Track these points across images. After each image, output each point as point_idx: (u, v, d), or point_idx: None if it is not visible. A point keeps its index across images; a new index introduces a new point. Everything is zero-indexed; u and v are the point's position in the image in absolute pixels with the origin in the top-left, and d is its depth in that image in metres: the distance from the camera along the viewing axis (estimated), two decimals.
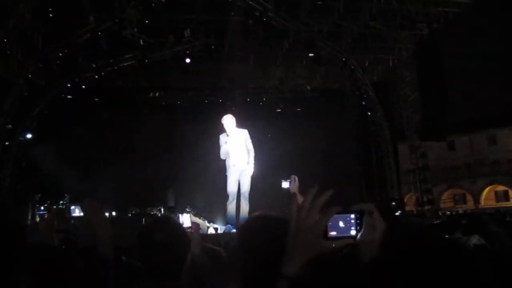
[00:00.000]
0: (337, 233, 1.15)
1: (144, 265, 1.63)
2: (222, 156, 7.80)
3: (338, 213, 1.14)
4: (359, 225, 1.16)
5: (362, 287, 1.03)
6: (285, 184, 3.27)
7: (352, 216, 1.17)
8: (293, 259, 1.08)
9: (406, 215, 13.23)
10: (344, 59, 13.61)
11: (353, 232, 1.16)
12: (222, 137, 7.76)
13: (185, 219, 3.29)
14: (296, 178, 3.13)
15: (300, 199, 2.79)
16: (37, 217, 11.34)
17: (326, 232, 1.12)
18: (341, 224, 1.16)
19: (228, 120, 7.76)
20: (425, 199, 14.80)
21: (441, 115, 13.41)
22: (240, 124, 8.09)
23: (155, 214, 11.12)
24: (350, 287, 1.09)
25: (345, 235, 1.15)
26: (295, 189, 3.05)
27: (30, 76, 11.92)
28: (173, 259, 1.65)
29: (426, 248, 0.84)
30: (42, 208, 11.64)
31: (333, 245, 1.12)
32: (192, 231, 2.44)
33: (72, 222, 10.62)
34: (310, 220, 1.08)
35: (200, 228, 7.04)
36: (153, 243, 1.65)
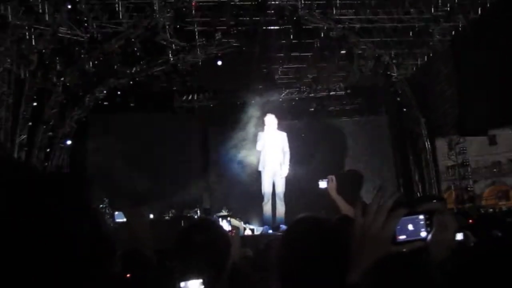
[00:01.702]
0: (406, 237, 1.07)
1: (184, 268, 1.62)
2: (259, 148, 7.90)
3: (406, 215, 1.07)
4: (428, 226, 1.09)
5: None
6: (322, 184, 3.22)
7: (421, 217, 1.09)
8: (360, 266, 1.03)
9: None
10: (377, 55, 13.37)
11: (423, 234, 1.08)
12: (261, 134, 7.84)
13: (224, 224, 3.28)
14: (334, 178, 3.08)
15: (338, 199, 2.73)
16: None
17: (394, 237, 1.05)
18: (410, 227, 1.08)
19: (271, 120, 7.87)
20: (465, 196, 14.36)
21: (481, 108, 12.99)
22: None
23: (192, 217, 11.23)
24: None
25: (415, 238, 1.08)
26: (332, 189, 3.00)
27: (68, 84, 12.31)
28: (213, 261, 1.63)
29: (502, 247, 0.78)
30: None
31: (403, 250, 1.06)
32: (232, 234, 2.43)
33: (112, 225, 10.86)
34: (377, 224, 1.02)
35: (239, 231, 7.03)
36: (193, 244, 1.64)
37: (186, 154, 14.91)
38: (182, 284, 1.38)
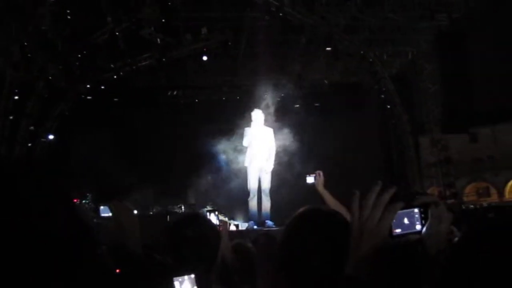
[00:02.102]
0: (402, 230, 1.10)
1: (174, 261, 1.61)
2: (245, 144, 7.89)
3: (401, 209, 1.08)
4: (423, 219, 1.11)
5: (430, 281, 0.98)
6: (309, 179, 3.23)
7: (416, 210, 1.12)
8: (358, 261, 1.04)
9: None
10: (362, 52, 13.46)
11: (418, 227, 1.11)
12: (248, 129, 7.84)
13: (213, 218, 3.28)
14: (321, 173, 3.09)
15: (325, 194, 2.74)
16: None
17: (390, 231, 1.06)
18: (405, 220, 1.10)
19: (257, 115, 7.87)
20: (448, 193, 14.57)
21: (463, 106, 13.18)
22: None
23: (179, 212, 11.18)
24: (417, 281, 1.05)
25: (411, 231, 1.10)
26: (320, 184, 3.01)
27: (50, 78, 12.11)
28: (204, 255, 1.63)
29: (499, 238, 0.79)
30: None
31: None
32: (221, 229, 2.42)
33: (95, 221, 10.76)
34: (374, 218, 1.03)
35: (228, 226, 7.01)
36: (184, 238, 1.63)
37: (170, 150, 14.83)
38: (175, 280, 1.37)
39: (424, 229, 1.10)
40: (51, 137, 13.09)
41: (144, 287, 1.57)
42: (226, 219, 10.58)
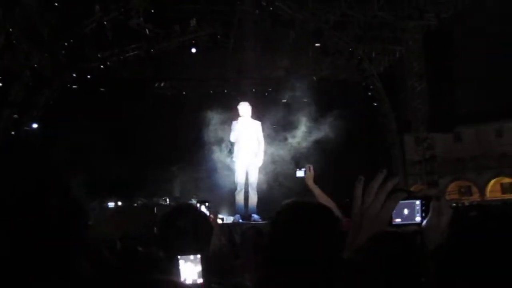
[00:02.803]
0: (402, 220, 1.11)
1: (166, 252, 1.59)
2: (232, 139, 7.83)
3: (403, 199, 1.10)
4: (424, 211, 1.11)
5: (427, 274, 0.99)
6: (299, 173, 3.23)
7: (417, 202, 1.12)
8: (357, 246, 1.05)
9: None
10: (351, 49, 13.50)
11: (418, 219, 1.12)
12: (235, 123, 7.78)
13: (203, 209, 3.26)
14: (311, 167, 3.09)
15: (316, 189, 2.75)
16: None
17: (390, 219, 1.08)
18: (405, 211, 1.11)
19: (245, 107, 7.80)
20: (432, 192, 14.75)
21: (449, 106, 13.33)
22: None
23: (165, 204, 11.12)
24: (415, 273, 1.05)
25: (410, 222, 1.11)
26: (310, 178, 3.01)
27: (36, 66, 11.91)
28: (196, 246, 1.62)
29: (494, 234, 0.80)
30: None
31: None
32: (212, 220, 2.42)
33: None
34: (376, 206, 1.04)
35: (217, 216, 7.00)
36: (176, 230, 1.62)
37: (156, 142, 14.74)
38: (180, 258, 1.36)
39: (424, 221, 1.11)
40: (35, 125, 12.89)
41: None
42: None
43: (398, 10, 12.92)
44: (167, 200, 12.14)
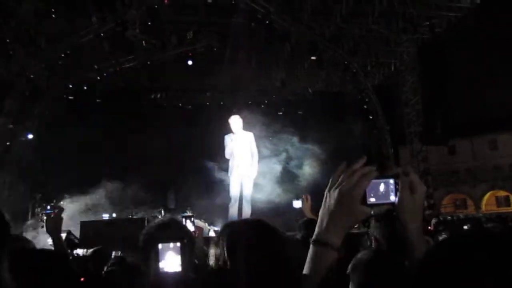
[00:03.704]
0: (376, 200, 1.11)
1: (147, 266, 1.61)
2: (227, 156, 7.79)
3: (377, 178, 1.10)
4: (397, 190, 1.12)
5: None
6: (296, 204, 3.21)
7: (391, 181, 1.13)
8: (330, 224, 1.06)
9: None
10: (346, 62, 13.61)
11: (392, 198, 1.12)
12: (228, 137, 7.75)
13: (188, 224, 3.27)
14: (309, 197, 3.05)
15: (315, 219, 2.75)
16: (44, 216, 11.32)
17: (365, 198, 1.08)
18: (380, 189, 1.12)
19: (235, 121, 7.77)
20: (425, 204, 14.77)
21: (443, 119, 13.40)
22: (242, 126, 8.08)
23: (156, 216, 11.08)
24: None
25: (384, 201, 1.12)
26: (307, 208, 2.98)
27: (32, 76, 11.93)
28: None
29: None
30: (48, 207, 11.60)
31: (372, 212, 1.09)
32: (196, 234, 2.43)
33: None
34: (350, 183, 1.06)
35: (202, 231, 6.98)
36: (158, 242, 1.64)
37: (151, 153, 14.72)
38: (160, 246, 1.38)
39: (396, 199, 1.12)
40: (30, 136, 12.87)
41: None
42: (206, 224, 10.55)
43: (392, 24, 13.05)
44: (162, 212, 12.11)
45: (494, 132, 29.56)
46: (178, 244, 1.38)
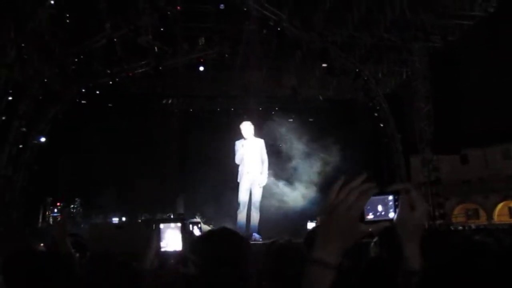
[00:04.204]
0: (375, 217, 1.10)
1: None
2: (237, 161, 7.82)
3: (375, 195, 1.09)
4: (397, 206, 1.11)
5: None
6: (311, 225, 3.20)
7: (390, 198, 1.12)
8: (327, 243, 1.04)
9: None
10: (357, 70, 13.58)
11: (391, 215, 1.11)
12: (238, 143, 7.78)
13: (195, 230, 3.28)
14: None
15: None
16: (51, 219, 11.44)
17: (363, 216, 1.07)
18: (379, 207, 1.11)
19: (247, 127, 7.80)
20: (436, 213, 14.61)
21: (455, 128, 13.29)
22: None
23: (164, 219, 11.11)
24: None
25: (383, 218, 1.10)
26: None
27: (45, 80, 12.09)
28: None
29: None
30: (55, 210, 11.73)
31: (370, 229, 1.07)
32: None
33: (82, 226, 10.70)
34: (347, 202, 1.04)
35: None
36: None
37: (162, 158, 14.81)
38: (161, 226, 1.41)
39: (395, 216, 1.10)
40: (42, 139, 13.01)
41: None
42: (210, 228, 10.55)
43: (404, 32, 13.00)
44: (171, 216, 12.15)
45: (507, 142, 29.19)
46: (179, 224, 1.41)
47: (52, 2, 10.34)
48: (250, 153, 7.74)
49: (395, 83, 16.29)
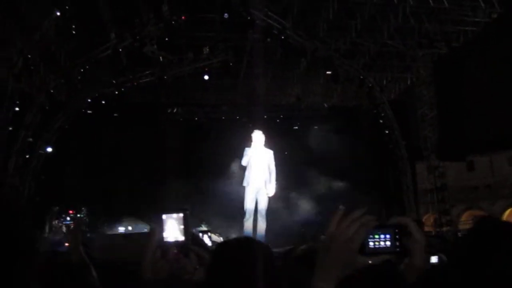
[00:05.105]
0: (374, 249, 1.11)
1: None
2: (244, 163, 7.85)
3: (376, 228, 1.11)
4: (397, 240, 1.12)
5: None
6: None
7: (391, 230, 1.13)
8: (326, 273, 1.06)
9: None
10: (361, 77, 13.59)
11: (391, 247, 1.12)
12: (248, 149, 7.82)
13: (206, 239, 3.29)
14: None
15: None
16: (64, 227, 11.44)
17: (363, 248, 1.09)
18: (379, 238, 1.12)
19: (258, 136, 7.86)
20: (443, 220, 14.53)
21: (460, 134, 13.23)
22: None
23: None
24: None
25: (384, 250, 1.12)
26: None
27: (51, 91, 12.18)
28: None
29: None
30: (68, 218, 11.72)
31: (369, 262, 1.09)
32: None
33: (89, 235, 10.71)
34: (347, 233, 1.06)
35: None
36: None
37: (168, 166, 14.81)
38: (163, 216, 1.42)
39: (397, 249, 1.12)
40: (49, 149, 13.09)
41: None
42: (221, 239, 10.54)
43: (408, 38, 13.01)
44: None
45: None
46: (181, 214, 1.42)
47: (58, 13, 10.44)
48: (258, 162, 7.77)
49: (399, 90, 16.28)
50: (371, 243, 1.10)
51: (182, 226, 1.41)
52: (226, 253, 1.36)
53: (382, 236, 1.12)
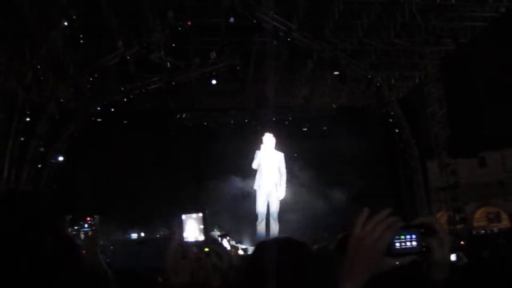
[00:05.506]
0: (401, 250, 1.11)
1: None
2: (254, 166, 7.87)
3: (401, 228, 1.10)
4: (423, 240, 1.12)
5: None
6: None
7: (416, 230, 1.13)
8: (353, 275, 1.05)
9: None
10: (369, 76, 13.54)
11: (417, 248, 1.12)
12: (259, 152, 7.85)
13: (225, 243, 3.29)
14: None
15: None
16: (82, 234, 11.48)
17: (390, 249, 1.08)
18: (405, 240, 1.12)
19: (269, 139, 7.89)
20: (457, 218, 14.39)
21: (471, 130, 13.11)
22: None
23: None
24: None
25: (409, 251, 1.11)
26: None
27: (61, 100, 12.29)
28: None
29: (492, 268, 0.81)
30: (86, 225, 11.76)
31: (396, 263, 1.09)
32: (233, 254, 2.44)
33: (101, 243, 10.76)
34: (373, 236, 1.06)
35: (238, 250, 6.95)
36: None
37: (178, 172, 14.87)
38: (183, 216, 1.42)
39: (423, 250, 1.11)
40: (60, 158, 13.20)
41: None
42: (234, 242, 10.53)
43: (415, 36, 12.94)
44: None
45: None
46: (201, 214, 1.42)
47: (66, 23, 10.53)
48: (269, 165, 7.79)
49: (408, 88, 16.19)
50: (397, 244, 1.10)
51: (202, 226, 1.41)
52: (267, 253, 1.36)
53: (408, 236, 1.12)
